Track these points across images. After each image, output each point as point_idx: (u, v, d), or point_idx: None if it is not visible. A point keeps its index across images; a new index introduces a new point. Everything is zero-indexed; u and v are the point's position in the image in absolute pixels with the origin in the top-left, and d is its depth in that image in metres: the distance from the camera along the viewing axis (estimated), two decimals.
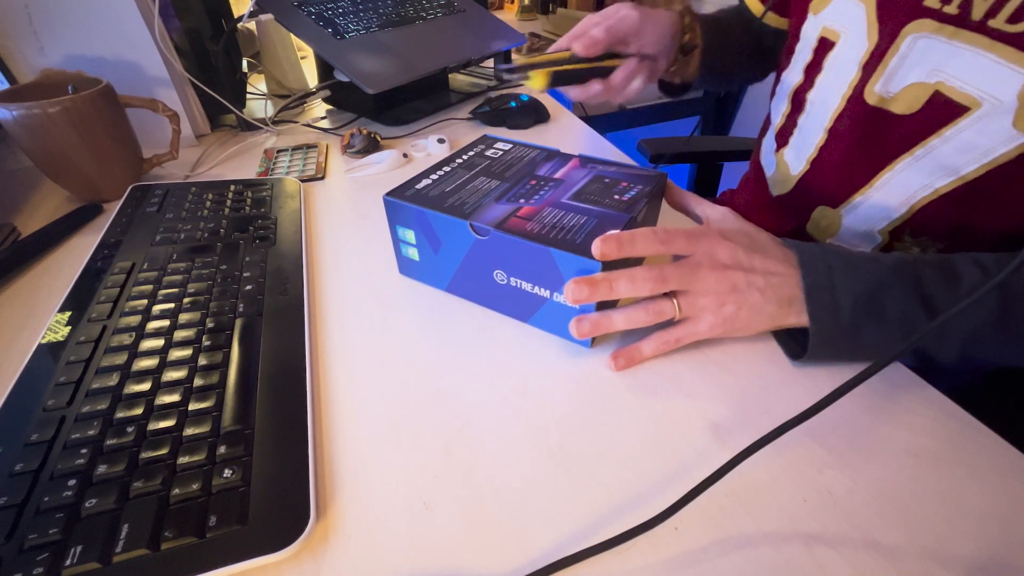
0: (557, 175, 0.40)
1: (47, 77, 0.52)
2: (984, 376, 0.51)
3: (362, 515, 0.25)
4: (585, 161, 0.42)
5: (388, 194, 0.37)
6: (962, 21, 0.35)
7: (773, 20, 0.57)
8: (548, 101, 0.77)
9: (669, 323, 0.33)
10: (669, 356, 0.34)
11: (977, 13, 0.34)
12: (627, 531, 0.24)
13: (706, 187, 0.88)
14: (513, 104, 0.69)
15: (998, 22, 0.34)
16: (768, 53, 0.62)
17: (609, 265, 0.31)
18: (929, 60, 0.37)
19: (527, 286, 0.34)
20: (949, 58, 0.36)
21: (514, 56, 0.47)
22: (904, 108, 0.40)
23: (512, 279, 0.35)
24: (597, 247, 0.30)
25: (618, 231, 0.31)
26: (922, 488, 0.26)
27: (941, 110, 0.37)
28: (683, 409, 0.31)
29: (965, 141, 0.37)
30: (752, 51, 0.62)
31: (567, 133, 0.69)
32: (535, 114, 0.70)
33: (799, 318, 0.32)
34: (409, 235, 0.38)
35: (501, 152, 0.44)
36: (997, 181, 0.37)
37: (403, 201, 0.36)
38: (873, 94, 0.41)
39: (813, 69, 0.47)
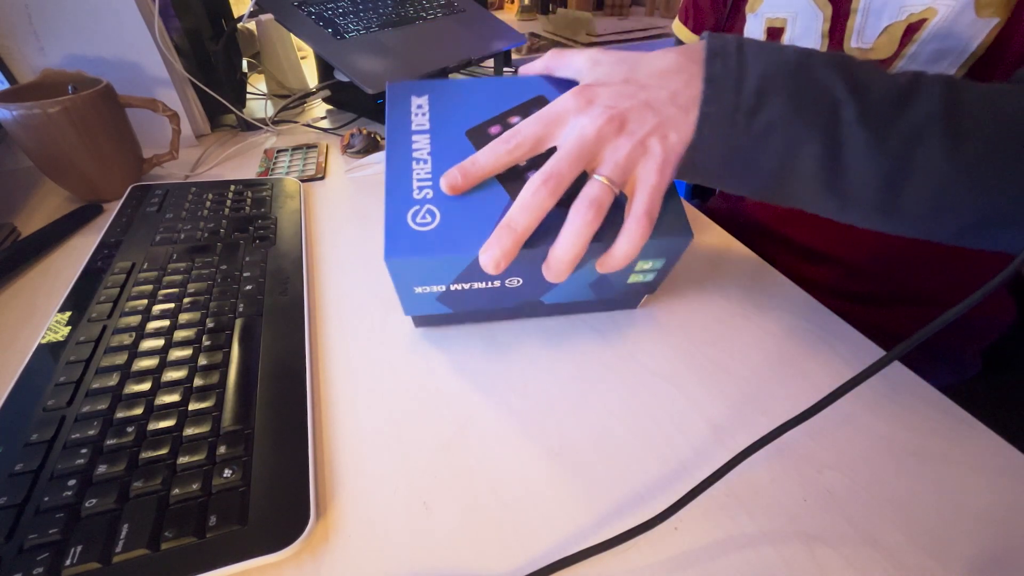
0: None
1: (47, 77, 0.52)
2: (983, 373, 0.52)
3: (362, 515, 0.25)
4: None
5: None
6: None
7: None
8: None
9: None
10: (668, 356, 0.34)
11: None
12: (627, 531, 0.24)
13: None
14: None
15: None
16: None
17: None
18: (892, 1, 0.38)
19: None
20: None
21: None
22: (885, 52, 0.40)
23: None
24: (443, 184, 0.28)
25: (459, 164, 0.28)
26: (922, 488, 0.26)
27: (905, 34, 0.38)
28: (683, 409, 0.31)
29: (933, 51, 0.37)
30: None
31: None
32: None
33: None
34: None
35: None
36: (978, 77, 0.36)
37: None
38: (853, 49, 0.42)
39: None
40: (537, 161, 0.30)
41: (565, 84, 0.32)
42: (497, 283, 0.31)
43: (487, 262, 0.27)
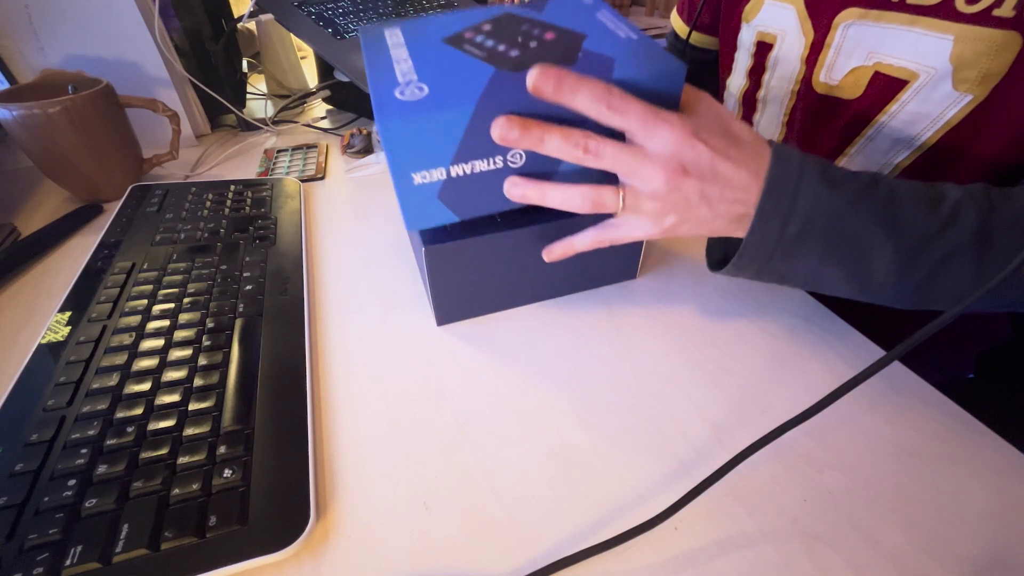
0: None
1: (47, 77, 0.52)
2: (981, 372, 0.52)
3: (362, 515, 0.25)
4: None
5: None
6: (884, 3, 0.38)
7: (699, 40, 0.61)
8: None
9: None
10: (668, 356, 0.34)
11: None
12: (627, 531, 0.24)
13: None
14: None
15: None
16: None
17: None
18: (863, 44, 0.40)
19: None
20: (880, 39, 0.39)
21: None
22: (850, 93, 0.42)
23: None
24: (532, 75, 0.25)
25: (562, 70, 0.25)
26: (922, 488, 0.26)
27: (883, 88, 0.39)
28: (683, 409, 0.31)
29: (912, 112, 0.38)
30: None
31: None
32: None
33: (744, 232, 0.30)
34: None
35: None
36: (953, 145, 0.38)
37: None
38: (820, 83, 0.44)
39: (756, 71, 0.50)
40: (529, 49, 0.30)
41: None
42: (500, 161, 0.29)
43: (499, 127, 0.27)
